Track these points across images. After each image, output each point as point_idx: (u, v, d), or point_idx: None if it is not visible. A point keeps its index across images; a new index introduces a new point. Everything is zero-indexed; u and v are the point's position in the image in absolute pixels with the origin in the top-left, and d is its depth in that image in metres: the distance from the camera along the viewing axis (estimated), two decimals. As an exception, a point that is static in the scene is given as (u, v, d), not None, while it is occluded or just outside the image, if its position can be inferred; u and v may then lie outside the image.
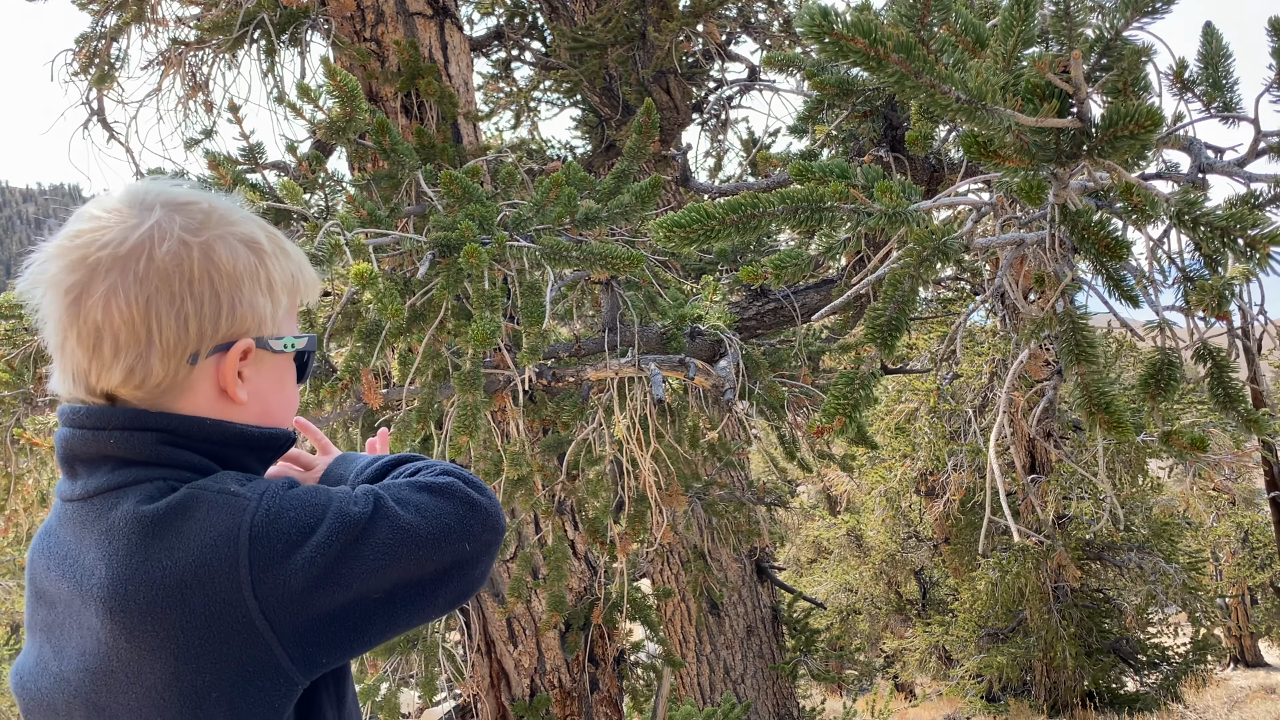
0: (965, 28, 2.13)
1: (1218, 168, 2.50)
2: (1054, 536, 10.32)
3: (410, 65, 4.23)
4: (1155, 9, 1.59)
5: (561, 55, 6.56)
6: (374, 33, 4.39)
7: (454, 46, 4.62)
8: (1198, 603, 11.74)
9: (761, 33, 7.68)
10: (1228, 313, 2.12)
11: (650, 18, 6.18)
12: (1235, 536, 15.80)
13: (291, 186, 2.64)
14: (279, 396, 1.31)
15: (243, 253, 1.21)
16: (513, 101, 7.93)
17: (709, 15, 6.28)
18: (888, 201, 1.98)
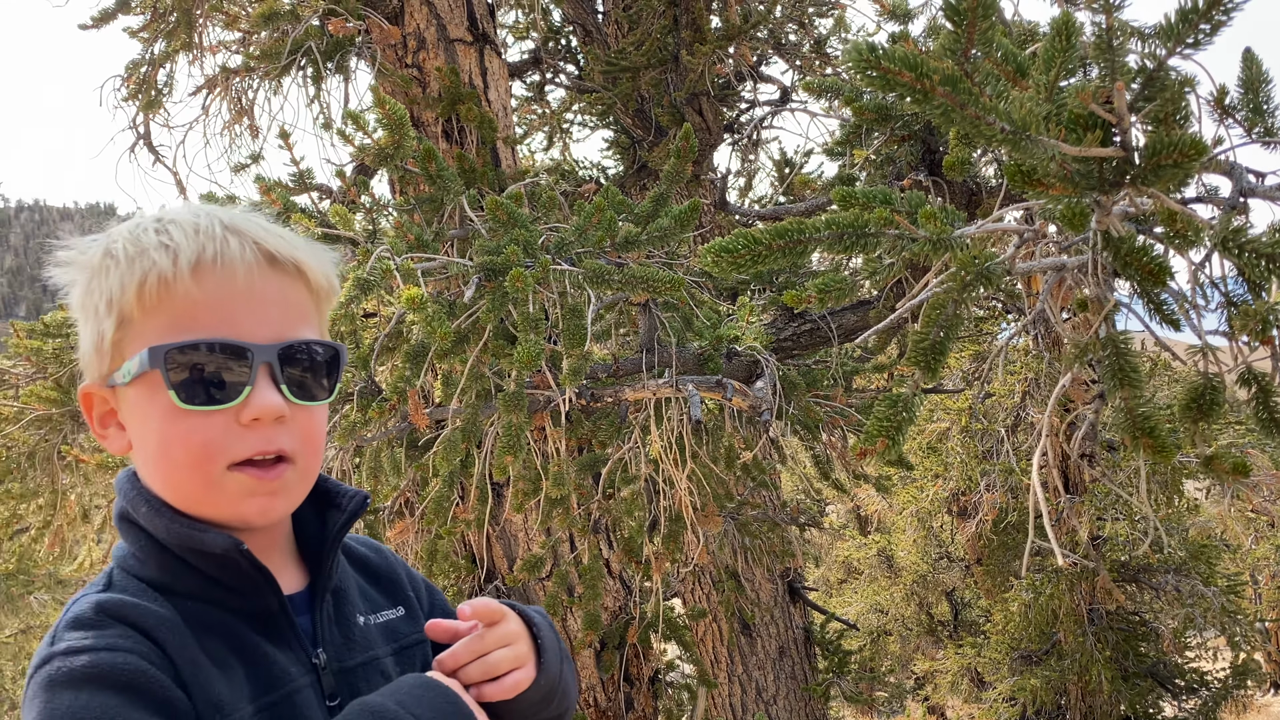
0: (1006, 57, 2.16)
1: (1259, 192, 2.51)
2: (1091, 558, 10.22)
3: (451, 91, 4.31)
4: (1198, 41, 1.62)
5: (595, 78, 6.65)
6: (416, 59, 4.48)
7: (493, 72, 4.70)
8: (1237, 626, 11.57)
9: (792, 54, 7.74)
10: (1272, 337, 2.13)
11: (683, 41, 6.25)
12: (1275, 559, 15.55)
13: (342, 212, 2.71)
14: None
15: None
16: (545, 124, 8.02)
17: (741, 38, 6.34)
18: (932, 228, 2.01)
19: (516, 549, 4.37)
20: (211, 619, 1.11)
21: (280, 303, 1.14)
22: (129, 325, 1.10)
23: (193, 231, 1.10)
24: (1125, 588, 11.47)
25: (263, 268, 1.12)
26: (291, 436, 1.13)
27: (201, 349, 1.06)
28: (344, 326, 2.78)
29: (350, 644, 1.24)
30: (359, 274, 2.47)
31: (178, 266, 1.08)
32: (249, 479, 1.10)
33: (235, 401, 1.08)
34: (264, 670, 1.12)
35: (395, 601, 1.36)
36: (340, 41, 3.79)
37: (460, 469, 3.51)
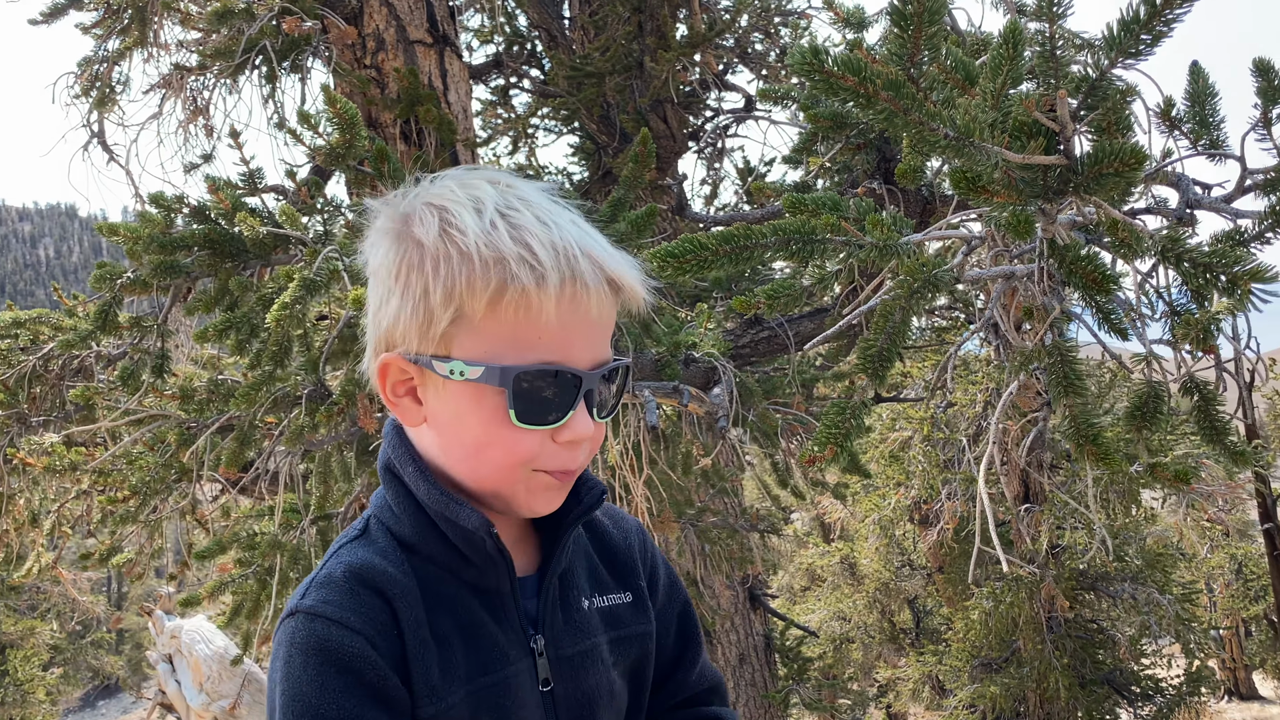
0: (955, 65, 2.17)
1: (1205, 203, 2.54)
2: (1047, 566, 10.31)
3: (410, 92, 4.27)
4: (1139, 51, 1.62)
5: (560, 83, 6.63)
6: (374, 60, 4.44)
7: (453, 74, 4.67)
8: (1191, 634, 11.72)
9: (758, 63, 7.76)
10: (1214, 346, 2.15)
11: (648, 48, 6.25)
12: (1229, 568, 15.78)
13: (290, 212, 2.67)
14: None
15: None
16: (511, 127, 7.99)
17: (706, 46, 6.35)
18: (879, 234, 2.01)
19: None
20: (446, 589, 1.16)
21: (606, 326, 1.14)
22: (466, 323, 1.08)
23: (551, 249, 1.06)
24: (1083, 596, 11.59)
25: (608, 296, 1.11)
26: (588, 451, 1.17)
27: (545, 375, 1.08)
28: (292, 328, 2.73)
29: (571, 630, 1.23)
30: (305, 275, 2.43)
31: (543, 291, 1.05)
32: (553, 480, 1.14)
33: (559, 424, 1.10)
34: (484, 651, 1.16)
35: (624, 587, 1.33)
36: (295, 41, 3.74)
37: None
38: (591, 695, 1.22)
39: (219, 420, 3.35)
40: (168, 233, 3.06)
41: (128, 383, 3.18)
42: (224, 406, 3.31)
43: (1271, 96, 2.51)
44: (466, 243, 1.07)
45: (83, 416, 4.18)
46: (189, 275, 3.14)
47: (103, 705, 30.14)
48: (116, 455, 4.00)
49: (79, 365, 4.23)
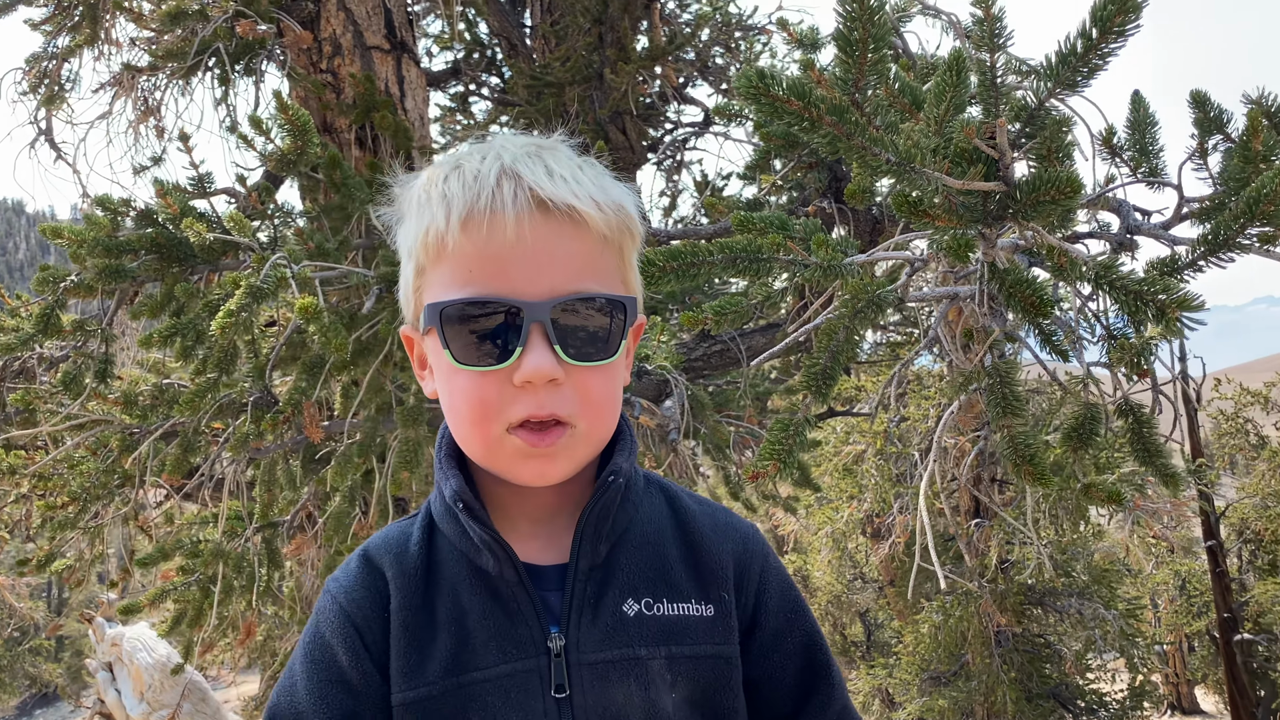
0: (903, 89, 2.20)
1: (1145, 230, 2.60)
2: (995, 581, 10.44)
3: (366, 98, 4.25)
4: (1076, 83, 1.66)
5: (519, 93, 6.63)
6: (331, 65, 4.42)
7: (410, 81, 4.65)
8: (1135, 649, 11.92)
9: (718, 77, 7.81)
10: (1148, 370, 2.20)
11: (608, 59, 6.27)
12: (1173, 584, 16.07)
13: (238, 218, 2.64)
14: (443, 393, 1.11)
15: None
16: (470, 135, 7.97)
17: (666, 59, 6.38)
18: (823, 255, 2.03)
19: (420, 565, 4.30)
20: (457, 573, 1.11)
21: (558, 254, 1.03)
22: (423, 274, 1.08)
23: (471, 179, 1.04)
24: (1031, 610, 11.74)
25: (535, 217, 1.02)
26: (568, 399, 1.04)
27: (469, 306, 1.02)
28: (240, 335, 2.71)
29: (602, 633, 1.09)
30: (252, 282, 2.41)
31: (449, 220, 1.03)
32: (523, 442, 1.04)
33: (507, 363, 1.02)
34: (483, 643, 1.08)
35: (705, 598, 1.14)
36: (250, 44, 3.71)
37: (363, 483, 3.45)
38: (620, 714, 1.07)
39: (163, 426, 3.31)
40: (113, 236, 3.02)
41: (70, 387, 3.13)
42: (168, 412, 3.27)
43: (1207, 128, 2.58)
44: (418, 194, 1.09)
45: (23, 420, 4.10)
46: (135, 279, 3.10)
47: (40, 714, 29.47)
48: (57, 460, 3.93)
49: (20, 368, 4.15)
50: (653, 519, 1.18)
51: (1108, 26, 1.63)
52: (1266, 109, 2.55)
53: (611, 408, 1.10)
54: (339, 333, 2.45)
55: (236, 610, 3.96)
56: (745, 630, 1.17)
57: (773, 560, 1.22)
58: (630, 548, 1.14)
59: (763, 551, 1.21)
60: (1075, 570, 11.72)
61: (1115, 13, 1.63)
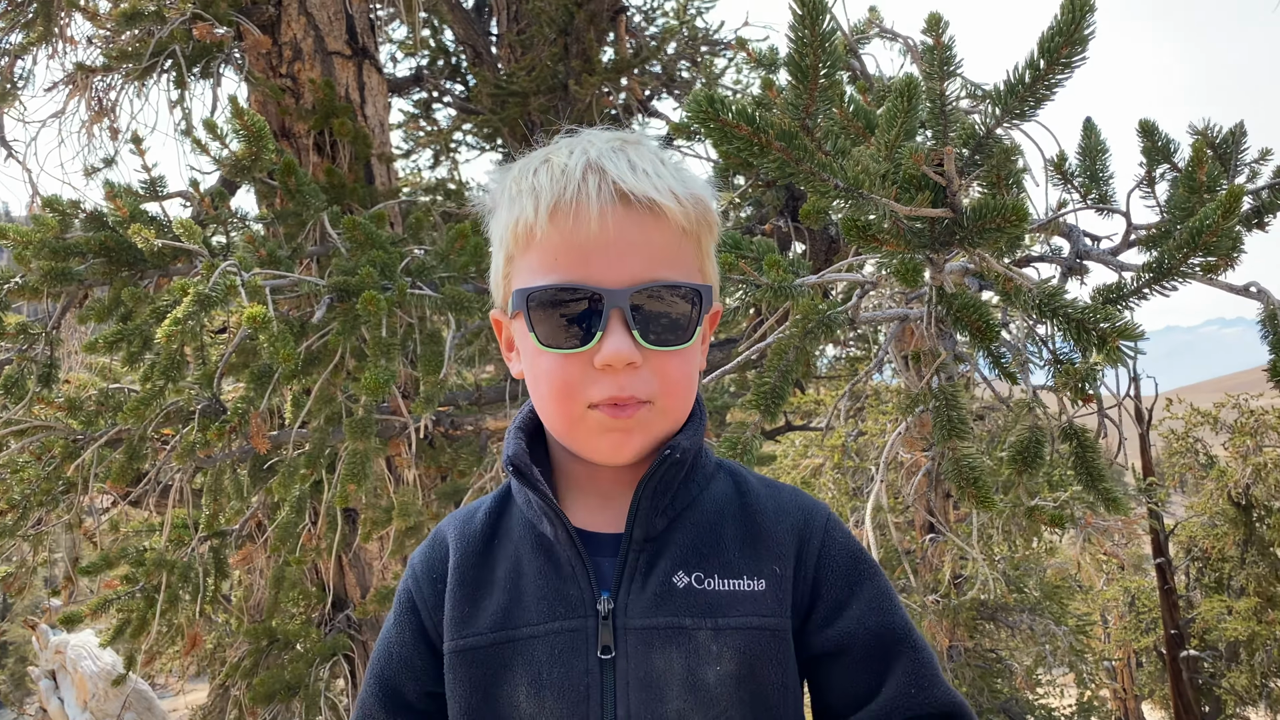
0: (857, 113, 2.22)
1: (1094, 255, 2.64)
2: (949, 596, 10.53)
3: (325, 104, 4.21)
4: (1024, 113, 1.69)
5: (483, 101, 6.61)
6: (290, 69, 4.37)
7: (371, 87, 4.62)
8: (1085, 665, 12.06)
9: (684, 91, 7.84)
10: (1092, 396, 2.23)
11: (573, 70, 6.27)
12: (1123, 601, 16.30)
13: (188, 224, 2.60)
14: (528, 375, 1.18)
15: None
16: (433, 141, 7.93)
17: (631, 71, 6.39)
18: (774, 276, 2.04)
19: (370, 577, 4.25)
20: (526, 536, 1.19)
21: (638, 244, 1.09)
22: (512, 262, 1.15)
23: (559, 172, 1.10)
24: (984, 626, 11.85)
25: (617, 210, 1.08)
26: (647, 381, 1.09)
27: (554, 292, 1.08)
28: (187, 342, 2.67)
29: (649, 601, 1.12)
30: (200, 290, 2.38)
31: (538, 212, 1.09)
32: (604, 416, 1.09)
33: (588, 346, 1.08)
34: (534, 600, 1.15)
35: (758, 572, 1.16)
36: (207, 47, 3.66)
37: (312, 493, 3.41)
38: (660, 680, 1.09)
39: (108, 433, 3.25)
40: (61, 238, 2.96)
41: (11, 391, 3.06)
42: (114, 418, 3.21)
43: (1155, 157, 2.62)
44: (510, 186, 1.15)
45: (-36, 423, 4.01)
46: (82, 283, 3.05)
47: (-16, 720, 28.76)
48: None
49: (-37, 369, 4.06)
50: (716, 499, 1.21)
51: (1055, 58, 1.66)
52: (1211, 140, 2.61)
53: (688, 389, 1.15)
54: (287, 342, 2.42)
55: (183, 619, 3.90)
56: (809, 604, 1.18)
57: (836, 533, 1.22)
58: (688, 524, 1.17)
59: (824, 525, 1.22)
60: (1028, 586, 11.85)
61: (1062, 44, 1.65)
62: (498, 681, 1.13)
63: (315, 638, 4.15)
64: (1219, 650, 13.26)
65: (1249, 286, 2.24)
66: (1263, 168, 2.41)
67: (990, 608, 11.44)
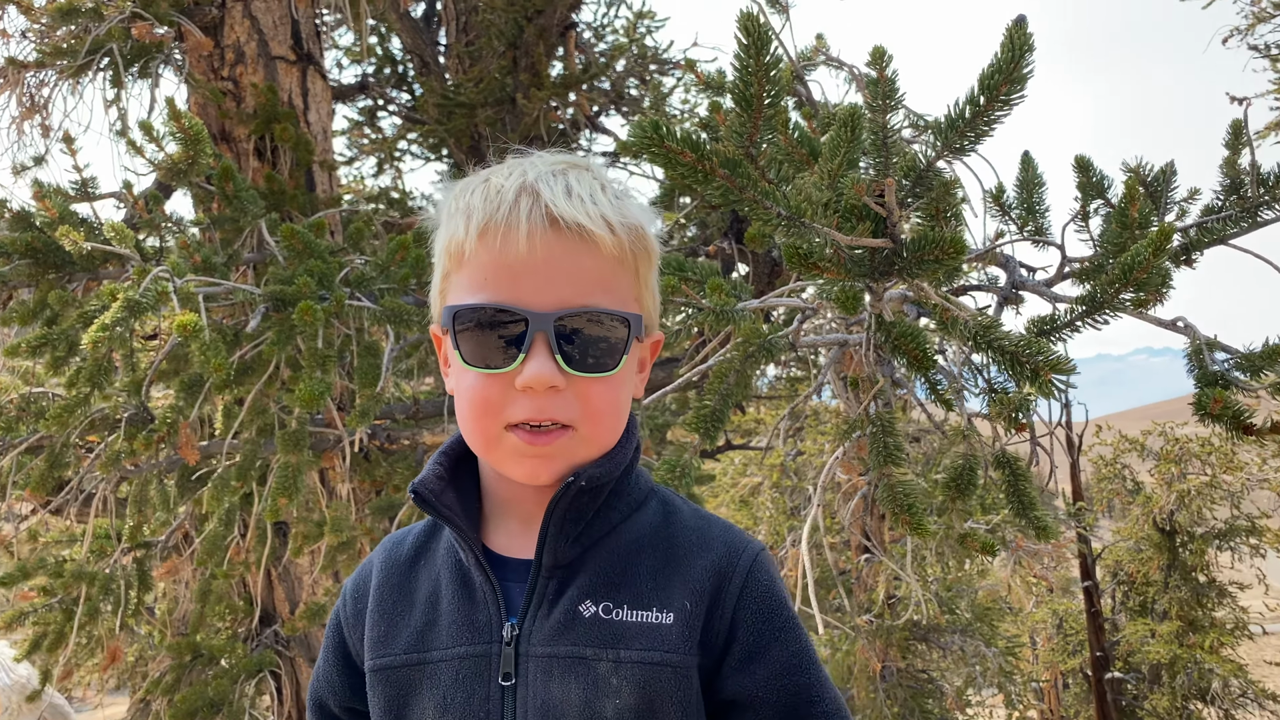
0: (801, 140, 2.24)
1: (1029, 286, 2.69)
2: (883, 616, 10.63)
3: (267, 109, 4.15)
4: (964, 148, 1.71)
5: (429, 111, 6.56)
6: (232, 72, 4.30)
7: (315, 94, 4.56)
8: (1013, 686, 12.25)
9: (633, 108, 7.86)
10: (1025, 425, 2.27)
11: (521, 84, 6.26)
12: (1051, 623, 16.61)
13: (119, 227, 2.53)
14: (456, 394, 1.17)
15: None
16: (377, 149, 7.85)
17: (579, 87, 6.40)
18: (717, 299, 2.05)
19: (300, 592, 4.17)
20: (449, 559, 1.21)
21: (568, 269, 1.09)
22: (448, 279, 1.15)
23: (494, 192, 1.11)
24: (916, 646, 11.99)
25: (547, 233, 1.08)
26: (569, 405, 1.09)
27: (479, 311, 1.08)
28: (115, 349, 2.60)
29: (553, 630, 1.11)
30: (130, 295, 2.32)
31: (468, 231, 1.10)
32: (520, 441, 1.09)
33: (510, 367, 1.08)
34: (444, 624, 1.16)
35: (668, 605, 1.12)
36: (146, 47, 3.58)
37: (242, 506, 3.33)
38: (558, 710, 1.08)
39: (29, 439, 3.15)
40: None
41: (-73, 394, 2.95)
42: (36, 425, 3.11)
43: (1090, 192, 2.69)
44: (448, 203, 1.16)
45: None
46: (6, 284, 2.95)
47: (-111, 732, 27.61)
48: (-88, 469, 3.70)
49: (-124, 369, 3.91)
50: (639, 528, 1.19)
51: (994, 95, 1.69)
52: (1143, 178, 2.68)
53: (614, 416, 1.14)
54: (220, 352, 2.37)
55: (103, 632, 3.79)
56: (721, 646, 1.14)
57: (761, 575, 1.17)
58: (604, 552, 1.16)
59: (748, 565, 1.17)
60: (959, 608, 12.02)
61: (1002, 82, 1.68)
62: (408, 702, 1.15)
63: (241, 653, 4.06)
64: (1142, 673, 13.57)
65: (1177, 321, 2.30)
66: (1191, 206, 2.48)
67: (923, 629, 11.58)
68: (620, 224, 1.12)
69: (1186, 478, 13.57)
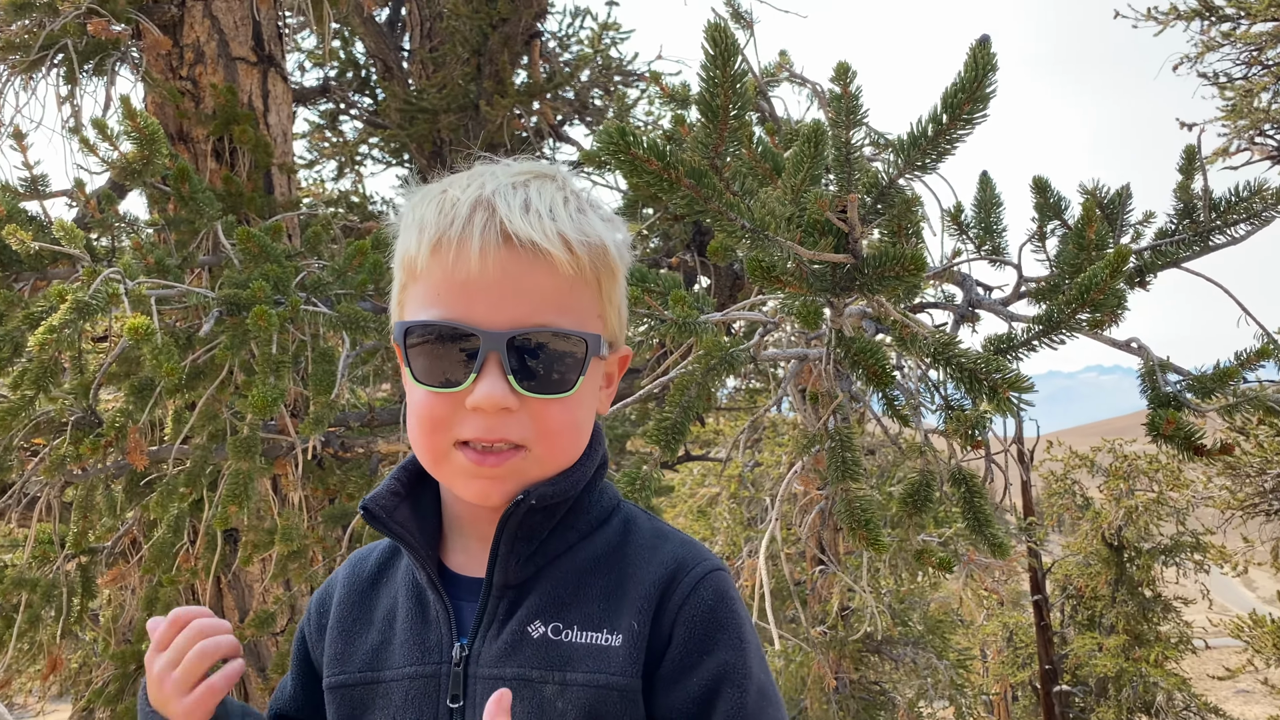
0: (765, 154, 2.25)
1: (985, 304, 2.72)
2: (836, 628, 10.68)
3: (226, 110, 4.09)
4: (926, 166, 1.73)
5: (392, 115, 6.51)
6: (192, 72, 4.23)
7: (276, 96, 4.50)
8: (964, 698, 12.36)
9: (596, 118, 7.86)
10: (981, 442, 2.29)
11: (485, 91, 6.23)
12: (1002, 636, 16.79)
13: (69, 226, 2.48)
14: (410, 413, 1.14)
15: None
16: (338, 153, 7.78)
17: (543, 96, 6.39)
18: (680, 311, 2.04)
19: (250, 600, 4.10)
20: (408, 578, 1.20)
21: (524, 288, 1.05)
22: (404, 290, 1.12)
23: (449, 206, 1.06)
24: (869, 658, 12.06)
25: (501, 251, 1.04)
26: (522, 425, 1.06)
27: (430, 329, 1.05)
28: (63, 351, 2.54)
29: (501, 651, 1.08)
30: (79, 297, 2.27)
31: (420, 245, 1.07)
32: (468, 461, 1.06)
33: (461, 387, 1.04)
34: (400, 645, 1.15)
35: (617, 626, 1.09)
36: (102, 44, 3.52)
37: (191, 512, 3.27)
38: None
39: (-29, 441, 3.06)
40: (-71, 234, 2.79)
41: None
42: (-22, 427, 3.03)
43: (1047, 213, 2.72)
44: (407, 214, 1.12)
45: None
46: (-50, 282, 2.87)
47: None
48: None
49: None
50: (595, 548, 1.15)
51: (957, 114, 1.70)
52: (1100, 200, 2.72)
53: (570, 437, 1.10)
54: (172, 356, 2.32)
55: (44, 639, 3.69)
56: (656, 662, 1.09)
57: (704, 594, 1.11)
58: (557, 572, 1.13)
59: (694, 581, 1.12)
60: (912, 620, 12.11)
61: (964, 101, 1.70)
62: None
63: (188, 662, 3.97)
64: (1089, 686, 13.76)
65: (1130, 342, 2.34)
66: (1146, 229, 2.52)
67: (875, 641, 11.65)
68: (579, 241, 1.07)
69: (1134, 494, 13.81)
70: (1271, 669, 9.28)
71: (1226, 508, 9.84)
